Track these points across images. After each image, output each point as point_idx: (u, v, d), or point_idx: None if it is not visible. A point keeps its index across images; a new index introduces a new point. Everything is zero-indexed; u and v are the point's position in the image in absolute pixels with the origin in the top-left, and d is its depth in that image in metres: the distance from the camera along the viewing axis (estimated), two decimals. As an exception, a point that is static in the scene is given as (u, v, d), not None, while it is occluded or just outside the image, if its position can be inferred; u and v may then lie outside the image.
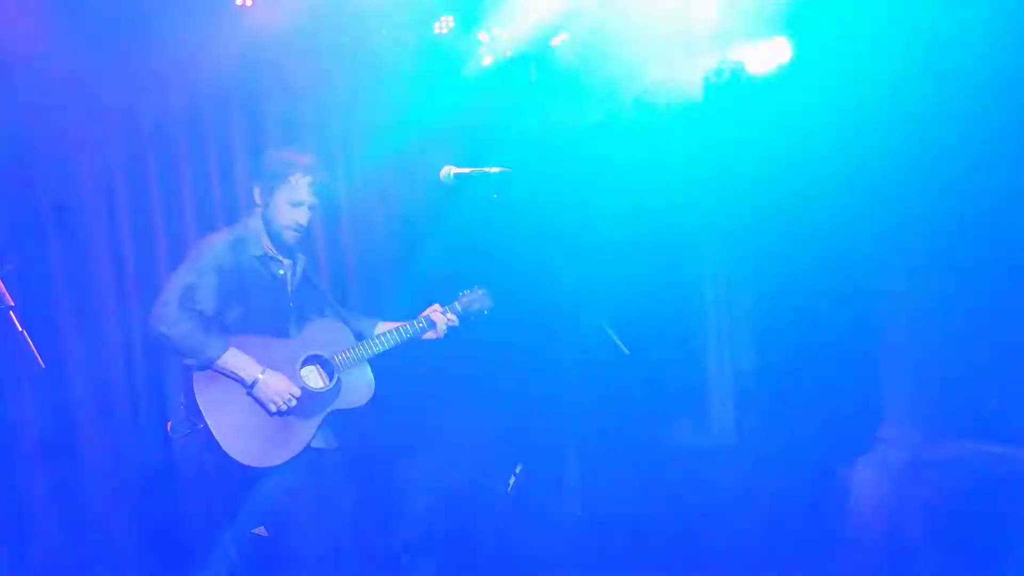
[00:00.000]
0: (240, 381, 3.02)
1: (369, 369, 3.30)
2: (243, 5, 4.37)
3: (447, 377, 4.32)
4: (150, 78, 4.38)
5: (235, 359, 3.01)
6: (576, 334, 3.30)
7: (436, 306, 3.47)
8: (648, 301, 5.49)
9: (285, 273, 3.25)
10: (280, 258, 3.25)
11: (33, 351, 1.89)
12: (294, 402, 3.06)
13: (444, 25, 5.17)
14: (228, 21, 4.48)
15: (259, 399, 3.02)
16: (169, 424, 3.08)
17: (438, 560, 4.37)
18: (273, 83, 4.86)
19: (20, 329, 1.93)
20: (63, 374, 4.04)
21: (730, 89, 5.47)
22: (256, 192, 3.26)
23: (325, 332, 3.27)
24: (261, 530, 3.16)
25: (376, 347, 3.28)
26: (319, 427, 3.17)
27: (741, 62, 5.43)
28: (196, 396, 3.01)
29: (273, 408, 3.02)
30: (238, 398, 3.03)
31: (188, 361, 3.02)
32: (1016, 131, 4.39)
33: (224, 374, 3.03)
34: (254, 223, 3.26)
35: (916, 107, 4.51)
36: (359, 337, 3.35)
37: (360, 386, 3.26)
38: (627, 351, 2.75)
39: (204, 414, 2.99)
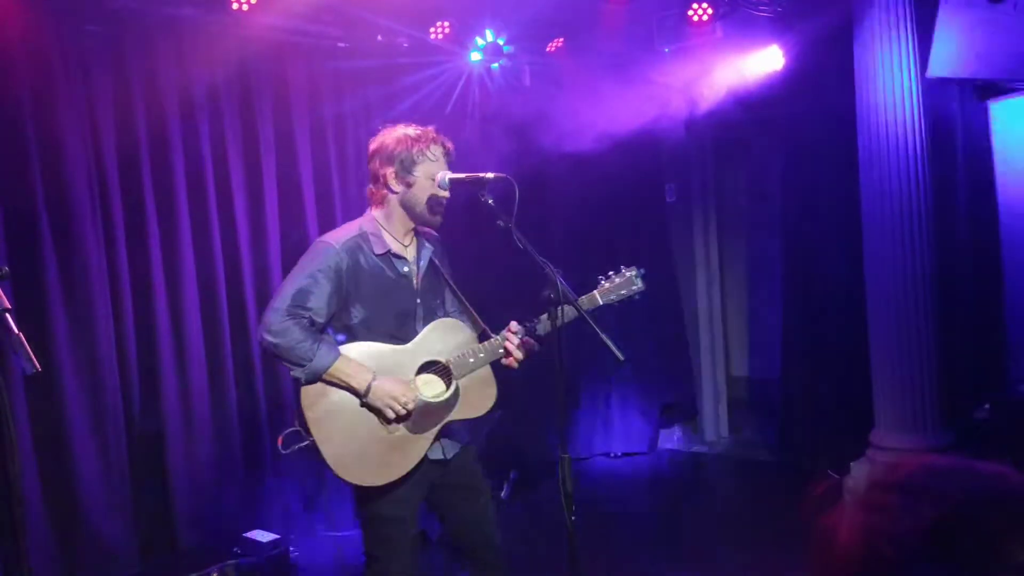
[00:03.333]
0: (351, 390, 2.79)
1: (490, 370, 2.98)
2: (239, 10, 4.37)
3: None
4: (147, 80, 4.38)
5: (345, 367, 2.78)
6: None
7: (512, 324, 2.95)
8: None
9: (410, 270, 2.97)
10: (404, 255, 2.96)
11: (29, 354, 1.88)
12: (411, 405, 2.81)
13: (440, 31, 5.17)
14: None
15: (373, 406, 2.79)
16: (280, 439, 2.85)
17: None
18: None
19: (16, 332, 1.92)
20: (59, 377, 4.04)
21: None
22: (390, 178, 2.92)
23: (443, 334, 2.95)
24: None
25: (496, 351, 2.93)
26: (435, 439, 2.90)
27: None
28: (305, 411, 2.79)
29: (390, 414, 2.78)
30: (349, 413, 2.80)
31: (295, 372, 2.77)
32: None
33: (335, 385, 2.80)
34: (370, 222, 2.97)
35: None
36: (484, 337, 3.00)
37: (481, 394, 2.96)
38: (622, 358, 2.73)
39: (313, 430, 2.78)
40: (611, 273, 2.95)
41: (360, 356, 2.83)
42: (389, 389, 2.79)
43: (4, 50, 3.90)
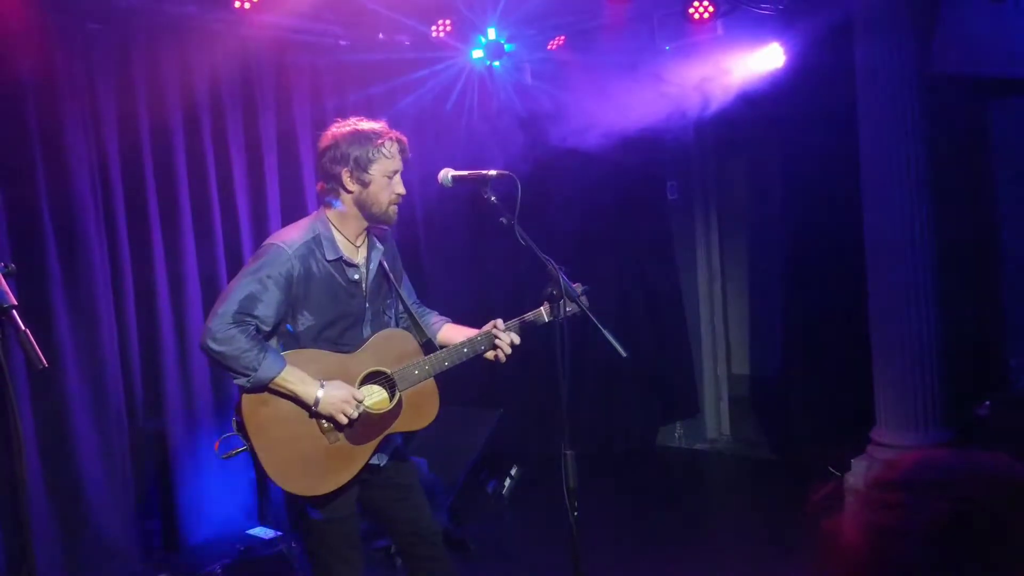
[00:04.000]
0: (299, 402, 2.72)
1: (433, 383, 2.93)
2: (241, 7, 4.38)
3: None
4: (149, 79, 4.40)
5: (292, 376, 2.70)
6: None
7: (497, 321, 2.95)
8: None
9: (360, 276, 2.89)
10: (355, 262, 2.88)
11: (36, 350, 1.90)
12: (361, 407, 2.77)
13: (441, 29, 5.18)
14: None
15: (325, 416, 2.73)
16: (217, 444, 2.80)
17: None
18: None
19: (23, 328, 1.93)
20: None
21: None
22: (344, 177, 2.81)
23: (389, 344, 2.90)
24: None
25: (441, 364, 2.89)
26: (375, 451, 2.86)
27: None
28: (246, 418, 2.72)
29: (344, 420, 2.73)
30: (292, 422, 2.73)
31: (239, 381, 2.68)
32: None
33: (279, 394, 2.72)
34: (323, 223, 2.87)
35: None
36: (428, 348, 2.97)
37: (424, 407, 2.92)
38: (624, 353, 2.74)
39: (253, 438, 2.71)
40: (552, 291, 2.82)
41: (305, 364, 2.75)
42: (341, 396, 2.72)
43: (8, 48, 3.91)
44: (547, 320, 2.93)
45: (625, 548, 4.64)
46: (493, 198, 2.81)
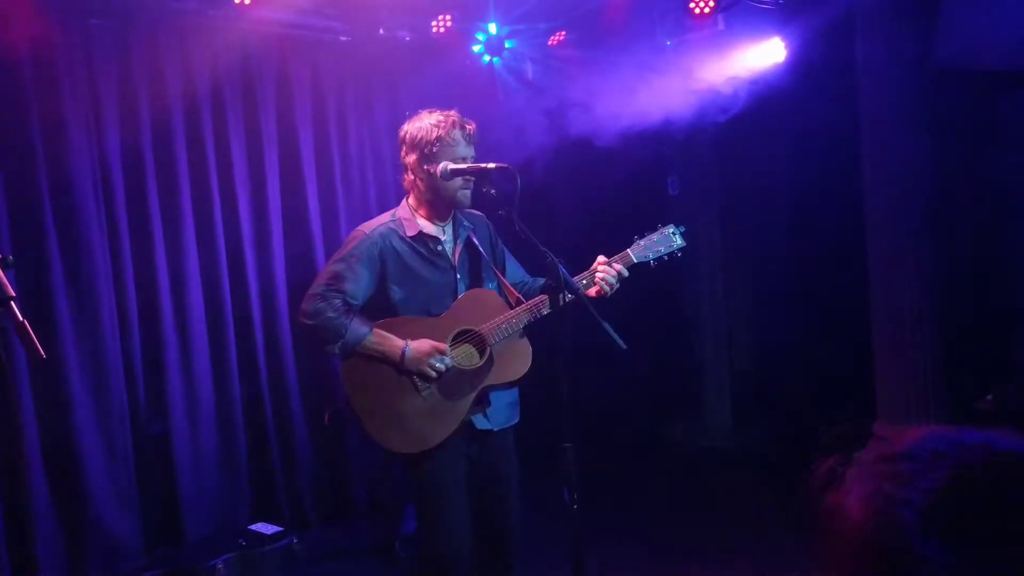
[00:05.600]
0: (386, 360, 2.88)
1: (526, 339, 3.01)
2: (242, 3, 4.38)
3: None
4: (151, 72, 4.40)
5: (378, 338, 2.88)
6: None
7: (601, 258, 3.04)
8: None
9: (444, 249, 3.03)
10: (438, 236, 3.02)
11: (34, 341, 1.90)
12: (447, 364, 2.89)
13: (442, 24, 5.17)
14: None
15: (413, 372, 2.87)
16: (327, 414, 3.06)
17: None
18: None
19: (21, 319, 1.94)
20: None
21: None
22: (415, 165, 2.97)
23: (474, 304, 3.00)
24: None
25: (527, 316, 2.96)
26: (473, 405, 2.95)
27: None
28: (345, 385, 2.92)
29: (431, 373, 2.86)
30: (386, 383, 2.89)
31: (330, 348, 2.89)
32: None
33: (371, 357, 2.89)
34: (403, 208, 3.05)
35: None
36: (519, 304, 3.01)
37: (516, 360, 2.99)
38: (624, 346, 2.74)
39: (353, 404, 2.90)
40: (646, 232, 3.08)
41: (394, 328, 2.92)
42: (425, 350, 2.86)
43: (9, 45, 3.92)
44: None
45: (625, 541, 4.64)
46: (493, 191, 2.83)
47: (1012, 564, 0.86)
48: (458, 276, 3.03)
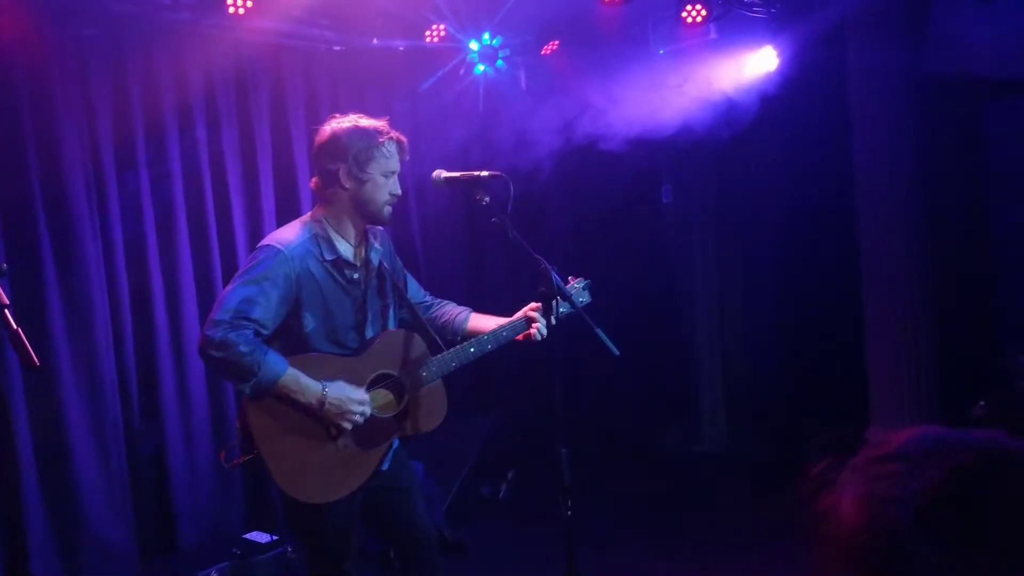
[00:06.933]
0: (304, 407, 2.64)
1: (442, 385, 2.90)
2: (236, 13, 4.39)
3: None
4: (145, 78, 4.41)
5: (294, 381, 2.61)
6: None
7: (536, 304, 2.88)
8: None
9: (359, 276, 2.82)
10: (353, 261, 2.82)
11: (28, 349, 1.90)
12: (368, 411, 2.71)
13: (435, 34, 5.19)
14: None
15: (330, 421, 2.67)
16: (223, 454, 2.78)
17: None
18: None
19: (15, 328, 1.94)
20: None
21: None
22: (342, 174, 2.75)
23: (396, 346, 2.83)
24: None
25: (448, 365, 2.85)
26: (385, 455, 2.81)
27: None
28: (251, 427, 2.65)
29: (350, 426, 2.67)
30: (299, 429, 2.66)
31: (241, 387, 2.61)
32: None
33: (284, 401, 2.64)
34: (318, 223, 2.80)
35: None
36: (434, 347, 2.90)
37: (433, 406, 2.87)
38: (616, 352, 2.75)
39: (260, 446, 2.64)
40: (543, 290, 2.81)
41: (309, 368, 2.67)
42: (345, 400, 2.66)
43: (3, 53, 3.93)
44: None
45: (620, 548, 4.64)
46: (485, 199, 2.82)
47: (1004, 563, 0.87)
48: (367, 307, 2.85)
